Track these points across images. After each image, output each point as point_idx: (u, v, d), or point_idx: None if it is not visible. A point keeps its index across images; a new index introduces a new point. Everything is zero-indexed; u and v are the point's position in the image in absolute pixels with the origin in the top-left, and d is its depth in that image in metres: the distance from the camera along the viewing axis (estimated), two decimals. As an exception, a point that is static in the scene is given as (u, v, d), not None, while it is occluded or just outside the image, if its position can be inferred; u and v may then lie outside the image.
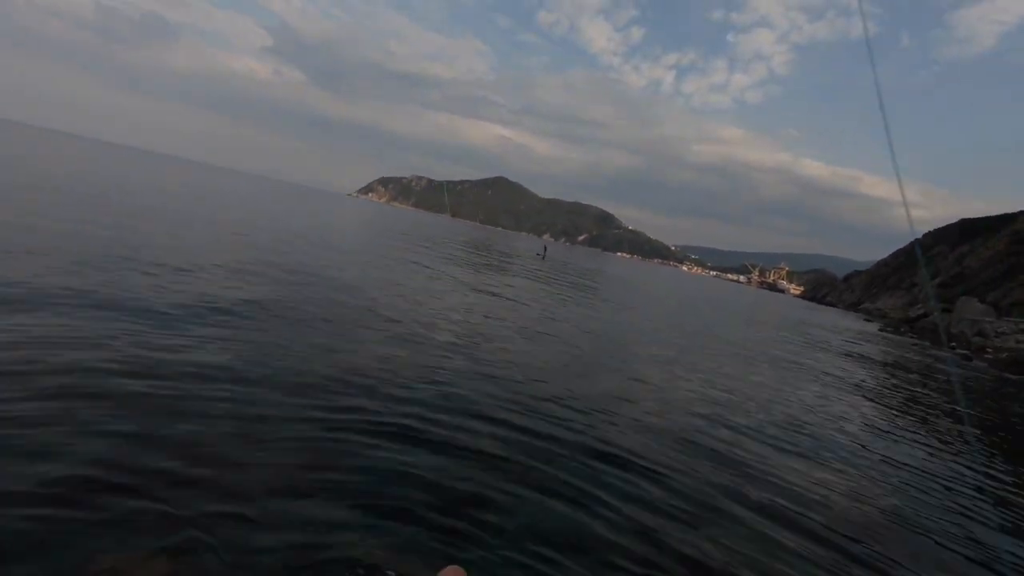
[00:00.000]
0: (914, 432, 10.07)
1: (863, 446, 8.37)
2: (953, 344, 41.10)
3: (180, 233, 15.09)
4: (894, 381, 17.32)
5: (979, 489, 7.29)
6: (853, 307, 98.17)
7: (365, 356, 7.24)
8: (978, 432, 11.15)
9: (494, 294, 16.77)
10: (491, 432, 5.58)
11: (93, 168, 39.76)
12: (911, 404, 13.38)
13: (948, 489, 7.05)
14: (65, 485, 3.31)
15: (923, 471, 7.63)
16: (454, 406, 6.09)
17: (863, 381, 15.91)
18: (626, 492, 4.89)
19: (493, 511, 4.09)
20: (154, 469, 3.66)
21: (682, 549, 4.14)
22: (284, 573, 3.00)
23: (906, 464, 7.83)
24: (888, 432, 9.69)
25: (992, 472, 8.21)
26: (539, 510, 4.26)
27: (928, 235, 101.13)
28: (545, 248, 57.95)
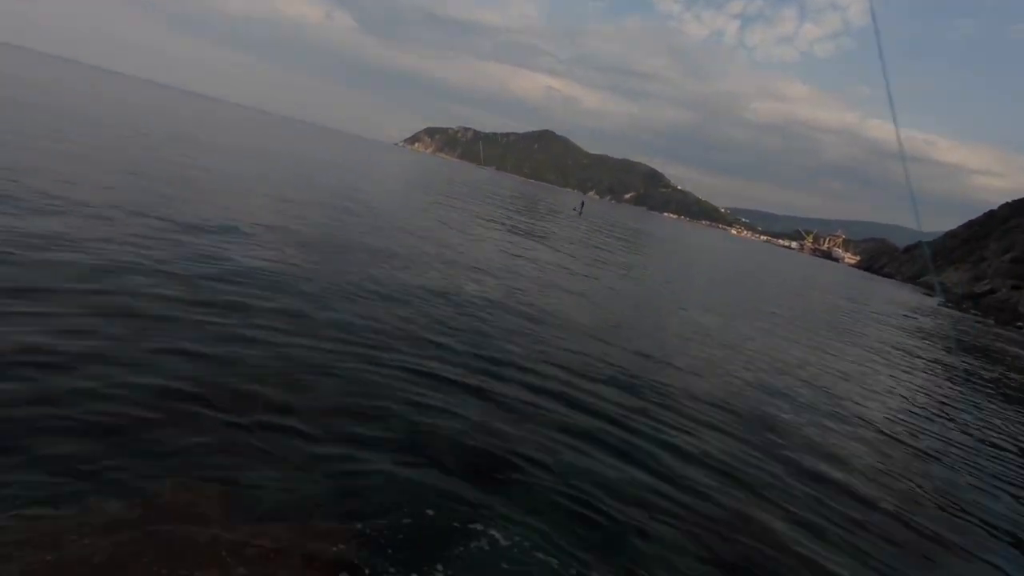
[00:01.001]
0: (956, 406, 9.71)
1: (910, 423, 8.15)
2: (1020, 323, 38.70)
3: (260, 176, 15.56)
4: (944, 359, 16.56)
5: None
6: (912, 280, 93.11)
7: (414, 303, 7.44)
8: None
9: (537, 238, 16.76)
10: (528, 380, 5.71)
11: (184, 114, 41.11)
12: (955, 378, 12.82)
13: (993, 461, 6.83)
14: (136, 399, 3.63)
15: (970, 446, 7.40)
16: (493, 353, 6.23)
17: (907, 361, 15.28)
18: (667, 444, 4.96)
19: (531, 452, 4.24)
20: (219, 385, 3.96)
21: (721, 500, 4.20)
22: (329, 486, 3.23)
23: (955, 439, 7.60)
24: (933, 407, 9.37)
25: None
26: (578, 456, 4.40)
27: (1005, 206, 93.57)
28: (582, 203, 57.79)
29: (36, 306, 4.57)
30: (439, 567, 2.85)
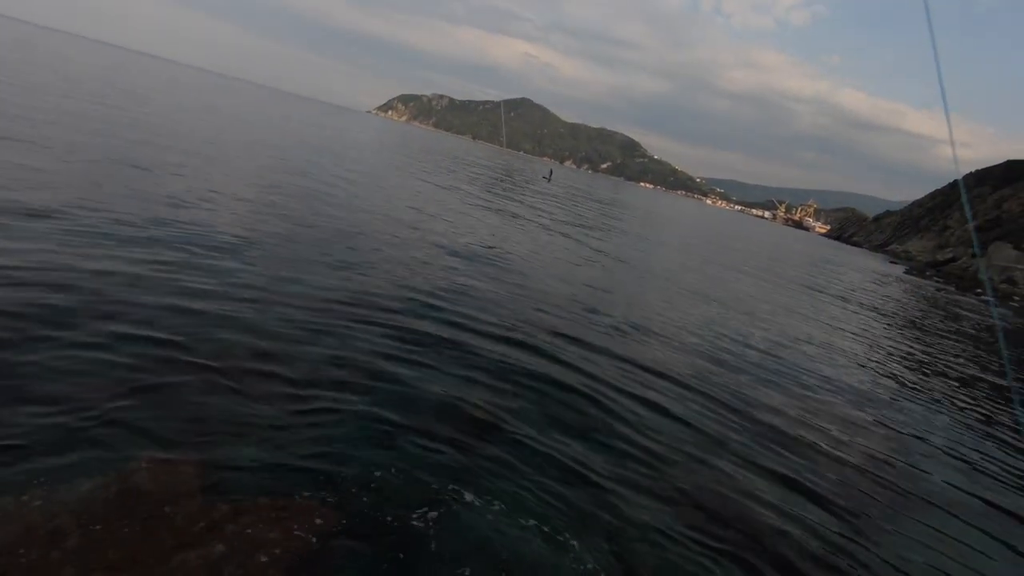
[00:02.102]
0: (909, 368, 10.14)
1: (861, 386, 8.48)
2: (979, 290, 40.32)
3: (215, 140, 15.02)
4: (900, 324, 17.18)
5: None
6: (880, 248, 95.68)
7: (388, 268, 7.36)
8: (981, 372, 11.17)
9: (508, 212, 16.67)
10: (507, 339, 5.74)
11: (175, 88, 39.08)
12: (913, 343, 13.36)
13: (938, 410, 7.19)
14: (106, 375, 3.55)
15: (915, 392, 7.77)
16: (471, 315, 6.24)
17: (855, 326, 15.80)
18: (648, 401, 5.07)
19: (512, 412, 4.30)
20: (191, 358, 3.89)
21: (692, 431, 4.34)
22: (308, 455, 3.24)
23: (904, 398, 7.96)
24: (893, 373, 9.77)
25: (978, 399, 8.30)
26: (560, 414, 4.48)
27: (970, 176, 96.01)
28: (551, 171, 58.95)
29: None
30: (422, 529, 2.91)
